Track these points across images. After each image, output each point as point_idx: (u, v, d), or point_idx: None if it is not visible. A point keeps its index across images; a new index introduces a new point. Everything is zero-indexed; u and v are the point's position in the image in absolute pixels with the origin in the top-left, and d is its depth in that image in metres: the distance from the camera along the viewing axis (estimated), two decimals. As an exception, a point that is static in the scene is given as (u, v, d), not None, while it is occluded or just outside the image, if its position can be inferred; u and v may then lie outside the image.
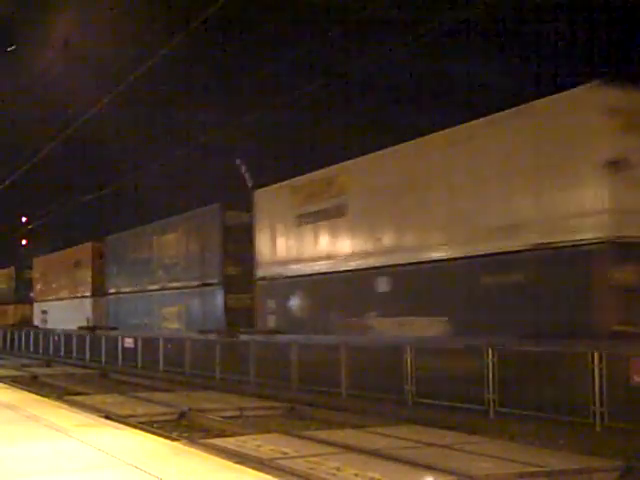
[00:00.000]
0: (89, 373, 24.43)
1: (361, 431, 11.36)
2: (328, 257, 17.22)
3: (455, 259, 13.77)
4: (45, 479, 6.06)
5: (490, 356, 11.97)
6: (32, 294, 40.83)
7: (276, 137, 32.07)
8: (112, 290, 29.92)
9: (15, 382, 18.97)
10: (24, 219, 45.35)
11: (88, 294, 31.92)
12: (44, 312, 37.85)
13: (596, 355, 10.47)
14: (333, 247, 17.18)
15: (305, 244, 18.03)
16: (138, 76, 15.35)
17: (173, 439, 10.08)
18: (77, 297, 33.30)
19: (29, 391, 15.20)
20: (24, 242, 50.32)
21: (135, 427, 9.89)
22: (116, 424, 9.88)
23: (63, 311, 34.79)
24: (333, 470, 8.35)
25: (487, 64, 23.73)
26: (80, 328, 30.70)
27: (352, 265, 16.41)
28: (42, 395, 14.18)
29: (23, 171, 26.81)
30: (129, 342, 25.20)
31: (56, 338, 32.78)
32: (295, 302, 18.27)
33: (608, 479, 8.48)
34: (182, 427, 12.87)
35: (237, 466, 6.71)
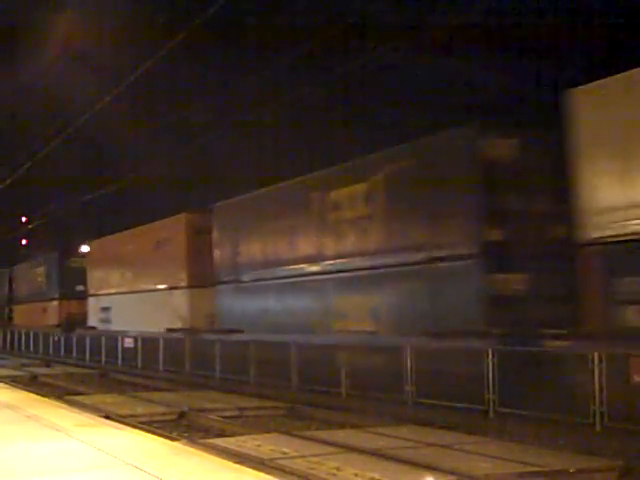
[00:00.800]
0: (89, 373, 24.42)
1: (361, 431, 11.36)
2: None
3: None
4: (45, 479, 6.06)
5: (490, 356, 11.97)
6: (78, 287, 33.02)
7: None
8: (228, 277, 20.93)
9: (15, 382, 18.98)
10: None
11: (182, 284, 23.07)
12: (106, 309, 29.34)
13: (596, 355, 10.48)
14: None
15: None
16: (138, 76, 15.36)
17: (173, 439, 10.08)
18: (161, 289, 24.44)
19: (29, 391, 15.21)
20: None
21: (135, 427, 9.89)
22: (116, 424, 9.88)
23: (137, 308, 26.27)
24: (333, 470, 8.35)
25: (487, 65, 23.62)
26: (170, 330, 22.97)
27: None
28: (42, 395, 14.18)
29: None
30: (129, 342, 25.11)
31: (56, 338, 32.49)
32: None
33: (608, 479, 8.48)
34: (182, 427, 12.87)
35: (237, 466, 6.71)
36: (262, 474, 6.36)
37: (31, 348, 35.08)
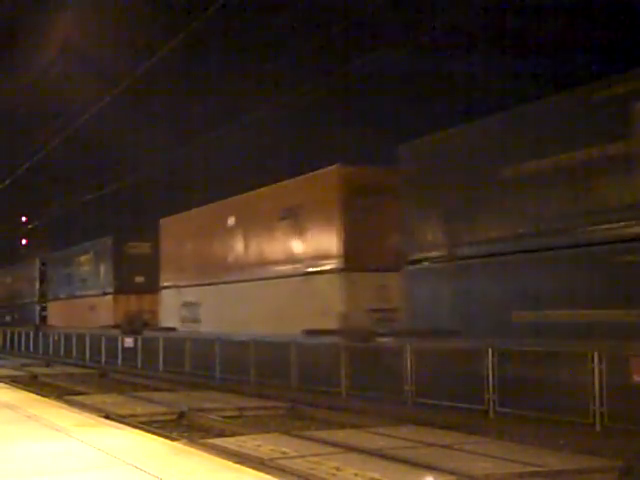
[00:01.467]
0: (89, 373, 24.41)
1: (361, 431, 11.35)
2: None
3: None
4: (45, 479, 6.06)
5: (490, 356, 11.97)
6: (138, 278, 28.10)
7: None
8: (431, 253, 14.19)
9: (15, 382, 18.97)
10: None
11: (333, 266, 16.50)
12: (192, 305, 22.87)
13: (596, 355, 10.48)
14: None
15: None
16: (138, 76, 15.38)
17: (173, 439, 10.07)
18: (294, 274, 17.84)
19: (29, 391, 15.20)
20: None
21: (135, 427, 9.88)
22: (116, 424, 9.87)
23: (249, 302, 19.59)
24: (333, 470, 8.34)
25: (486, 64, 23.61)
26: (308, 332, 16.54)
27: None
28: (42, 395, 14.18)
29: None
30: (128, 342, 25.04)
31: (56, 338, 32.40)
32: None
33: (608, 479, 8.48)
34: (182, 427, 12.87)
35: (237, 466, 6.70)
36: (262, 474, 6.35)
37: (31, 348, 35.01)
